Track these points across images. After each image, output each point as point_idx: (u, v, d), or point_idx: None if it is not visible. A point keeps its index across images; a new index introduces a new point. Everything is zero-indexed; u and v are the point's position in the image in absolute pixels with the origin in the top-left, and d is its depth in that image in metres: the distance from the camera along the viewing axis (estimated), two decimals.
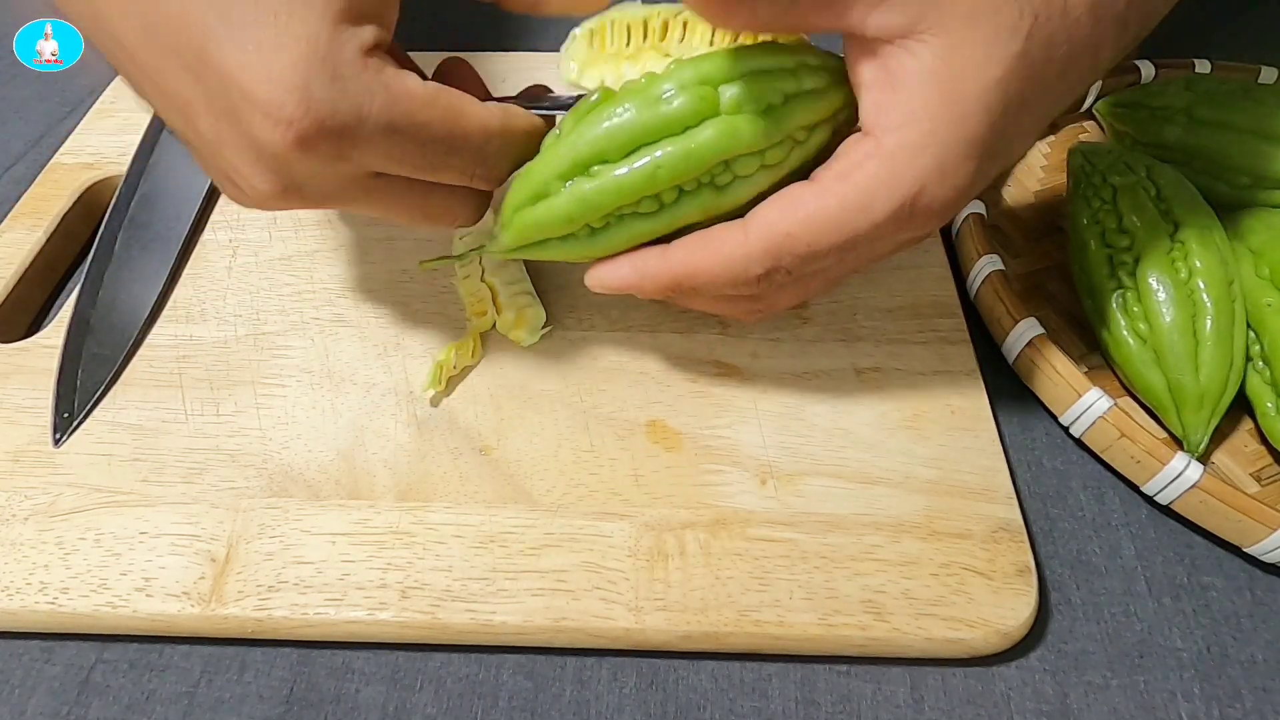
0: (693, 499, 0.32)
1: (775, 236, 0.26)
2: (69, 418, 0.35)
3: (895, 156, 0.24)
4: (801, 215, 0.25)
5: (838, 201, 0.25)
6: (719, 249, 0.27)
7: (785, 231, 0.25)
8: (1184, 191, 0.36)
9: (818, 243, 0.25)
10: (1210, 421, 0.33)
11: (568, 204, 0.28)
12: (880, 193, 0.24)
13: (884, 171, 0.24)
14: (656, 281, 0.28)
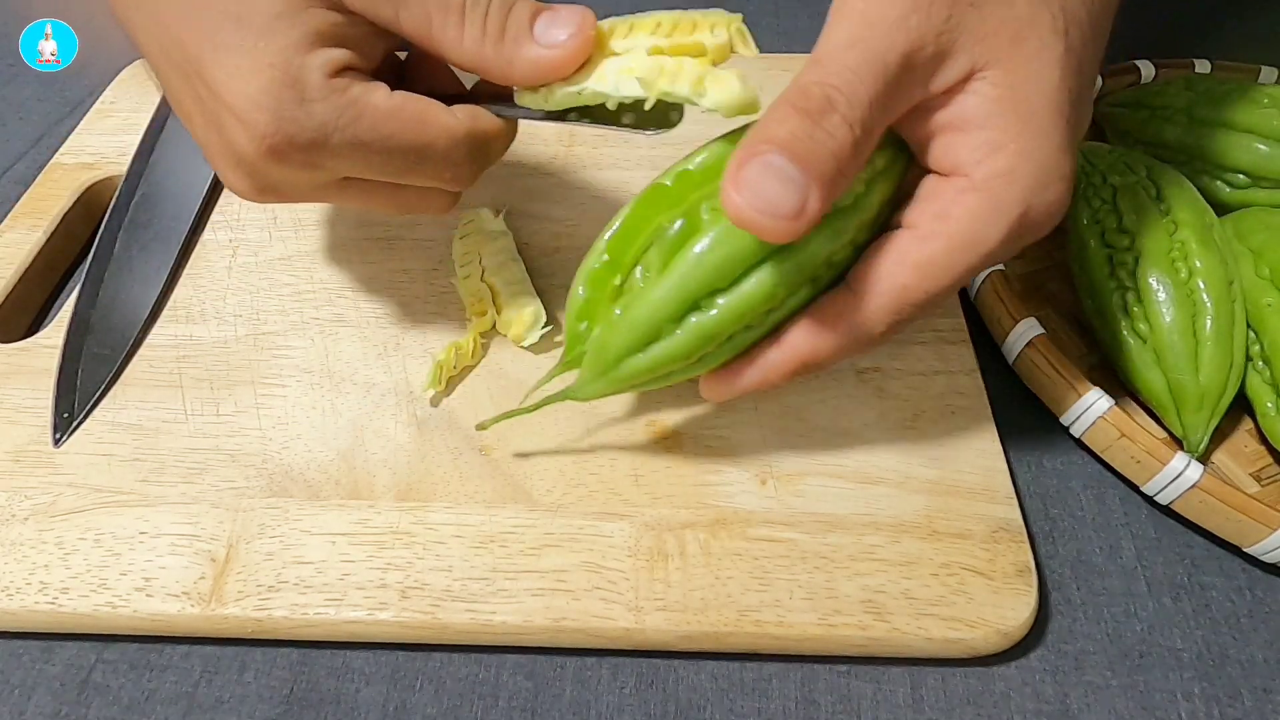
0: (693, 499, 0.32)
1: (893, 293, 0.26)
2: (69, 418, 0.35)
3: (991, 185, 0.24)
4: (911, 264, 0.25)
5: (944, 243, 0.25)
6: (837, 323, 0.26)
7: (901, 285, 0.25)
8: (1184, 191, 0.36)
9: (935, 287, 0.25)
10: (1210, 421, 0.33)
11: (687, 341, 0.27)
12: (987, 223, 0.25)
13: (985, 203, 0.24)
14: (782, 374, 0.27)
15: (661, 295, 0.27)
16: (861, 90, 0.23)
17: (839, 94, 0.23)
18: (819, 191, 0.23)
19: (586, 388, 0.30)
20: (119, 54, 0.53)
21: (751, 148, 0.23)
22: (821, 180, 0.23)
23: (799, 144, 0.23)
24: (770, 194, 0.23)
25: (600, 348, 0.29)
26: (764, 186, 0.23)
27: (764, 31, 0.56)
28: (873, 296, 0.26)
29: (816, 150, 0.23)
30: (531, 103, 0.30)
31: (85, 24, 0.54)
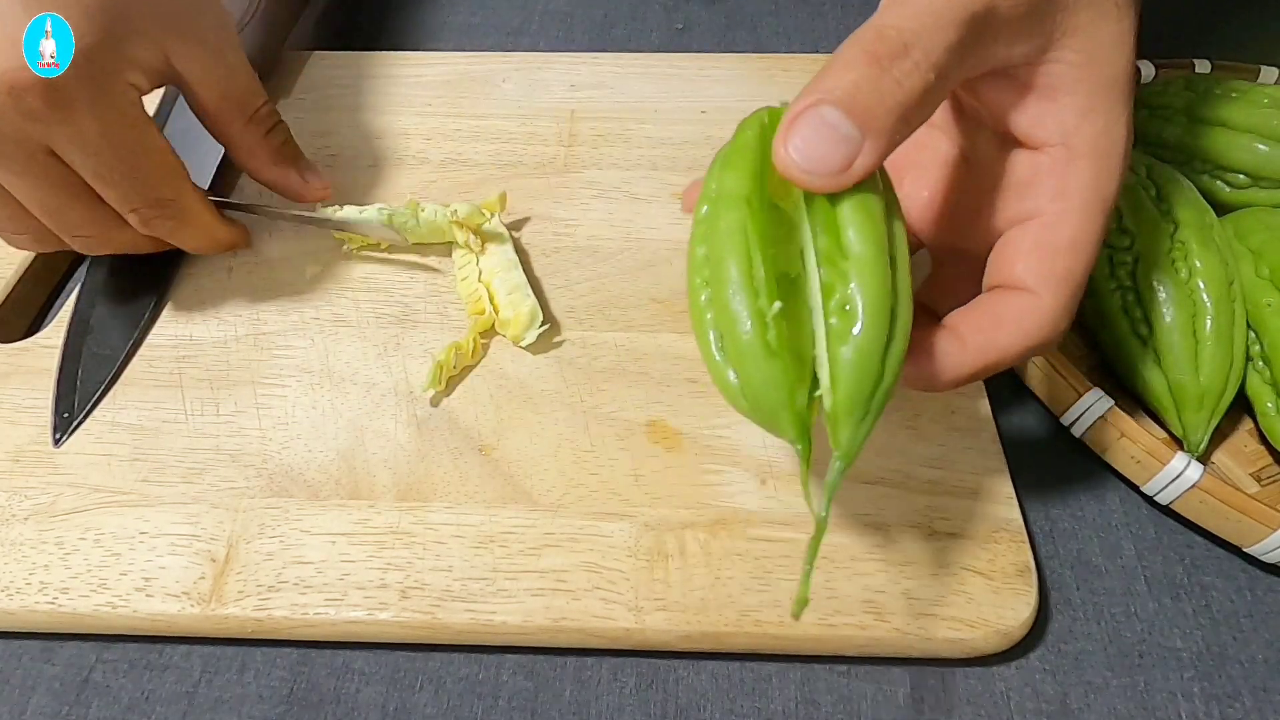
0: (693, 499, 0.32)
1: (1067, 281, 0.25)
2: (69, 418, 0.35)
3: (1096, 148, 0.25)
4: (1065, 251, 0.25)
5: (1079, 216, 0.25)
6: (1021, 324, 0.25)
7: (1066, 269, 0.25)
8: (1184, 191, 0.36)
9: (1091, 259, 0.26)
10: (1210, 421, 0.33)
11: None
12: (1104, 183, 0.25)
13: (1095, 166, 0.25)
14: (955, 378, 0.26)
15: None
16: (940, 36, 0.23)
17: (915, 37, 0.23)
18: (874, 146, 0.23)
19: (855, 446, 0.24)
20: None
21: (809, 98, 0.23)
22: (879, 134, 0.23)
23: (860, 95, 0.22)
24: (817, 150, 0.22)
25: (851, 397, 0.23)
26: (813, 140, 0.22)
27: (764, 31, 0.56)
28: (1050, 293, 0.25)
29: (882, 102, 0.23)
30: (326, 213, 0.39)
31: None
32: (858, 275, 0.23)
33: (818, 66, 0.24)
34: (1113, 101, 0.25)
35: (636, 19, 0.57)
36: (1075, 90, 0.25)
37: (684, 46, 0.55)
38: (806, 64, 0.49)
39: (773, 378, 0.23)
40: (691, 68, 0.49)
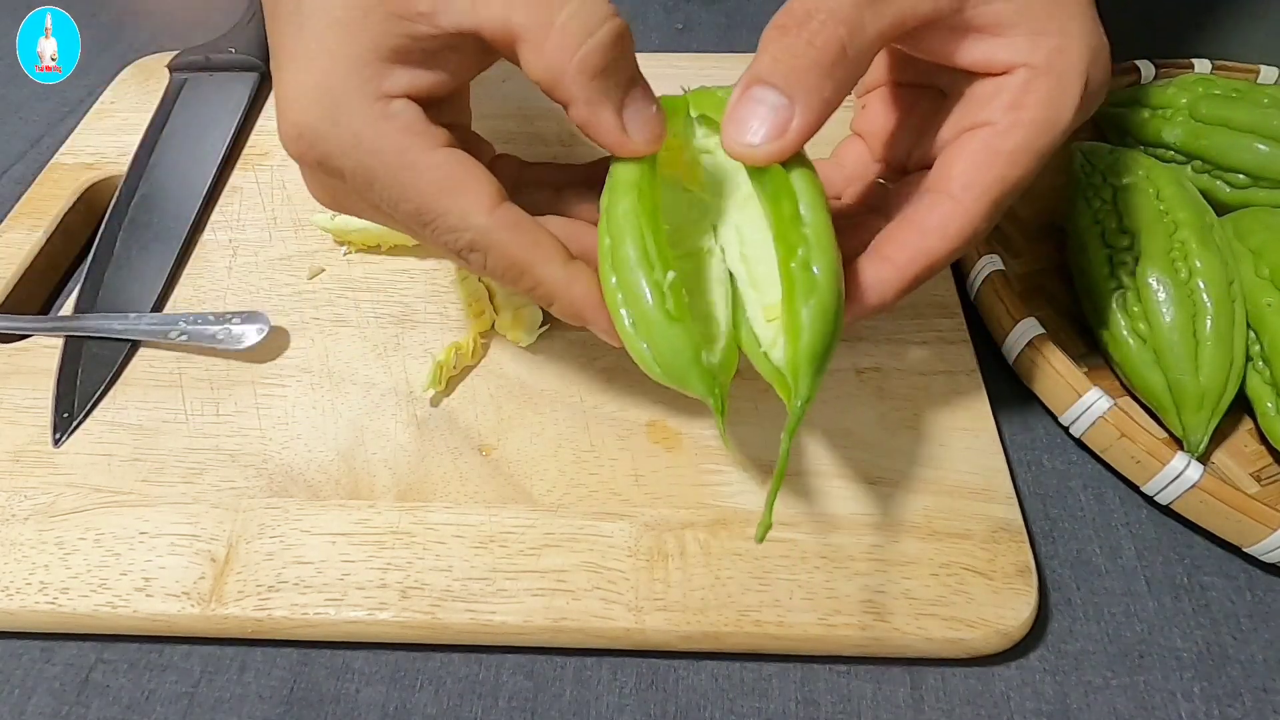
0: (693, 499, 0.32)
1: (991, 187, 0.26)
2: (69, 418, 0.35)
3: (1053, 66, 0.26)
4: (1006, 156, 0.26)
5: (1027, 130, 0.26)
6: (945, 229, 0.27)
7: (998, 177, 0.26)
8: (1184, 191, 0.36)
9: (1026, 172, 0.26)
10: (1210, 421, 0.33)
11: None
12: (1060, 99, 0.26)
13: (1053, 82, 0.26)
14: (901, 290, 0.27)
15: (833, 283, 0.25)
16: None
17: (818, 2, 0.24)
18: (804, 109, 0.24)
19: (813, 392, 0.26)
20: (119, 54, 0.53)
21: (740, 86, 0.25)
22: (807, 97, 0.24)
23: (778, 65, 0.24)
24: (753, 122, 0.25)
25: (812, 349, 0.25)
26: (747, 117, 0.25)
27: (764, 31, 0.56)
28: (973, 197, 0.26)
29: (798, 65, 0.24)
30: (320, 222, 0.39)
31: (87, 23, 0.55)
32: (816, 244, 0.25)
33: None
34: (1063, 20, 0.26)
35: (636, 19, 0.57)
36: (1021, 20, 0.26)
37: (684, 46, 0.55)
38: None
39: (677, 341, 0.25)
40: (691, 68, 0.49)
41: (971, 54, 0.27)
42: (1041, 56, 0.26)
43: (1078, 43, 0.26)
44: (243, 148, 0.46)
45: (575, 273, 0.27)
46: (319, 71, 0.25)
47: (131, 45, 0.55)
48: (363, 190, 0.26)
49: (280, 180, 0.44)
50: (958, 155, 0.27)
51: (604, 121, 0.26)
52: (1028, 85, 0.26)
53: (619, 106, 0.26)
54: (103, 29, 0.56)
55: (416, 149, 0.26)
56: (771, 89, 0.24)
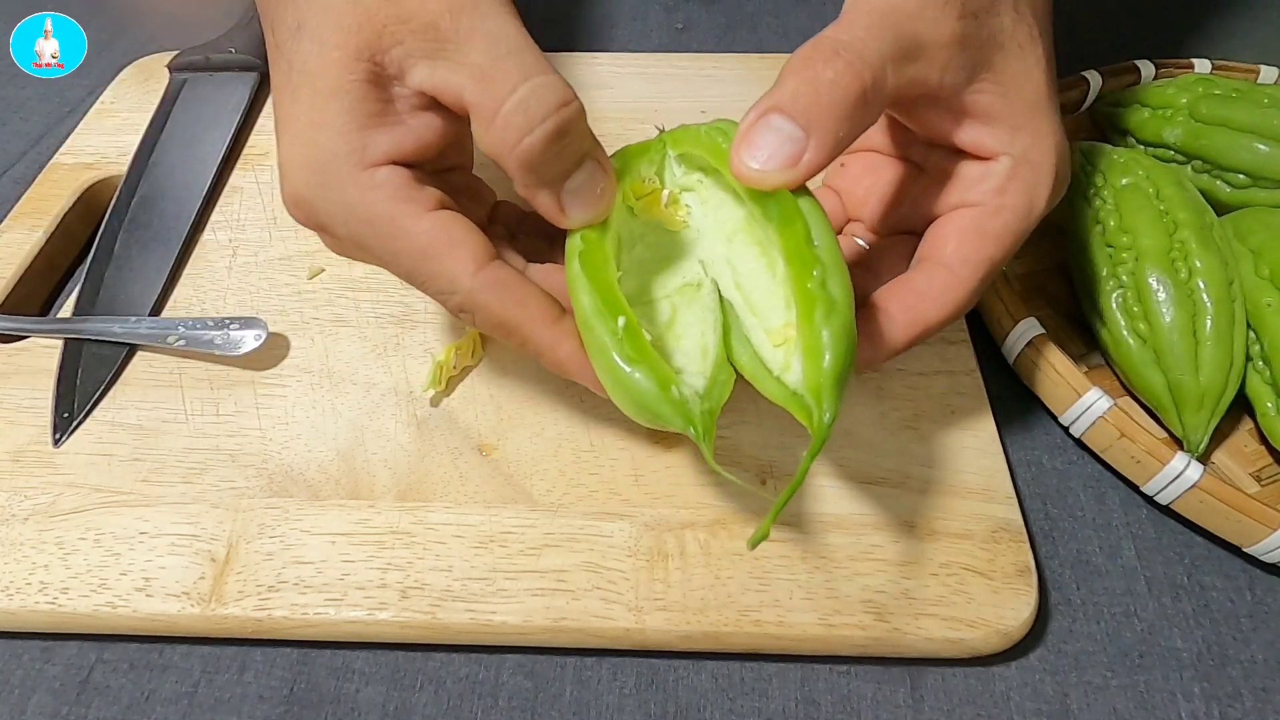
0: (693, 499, 0.32)
1: (983, 264, 0.29)
2: (69, 418, 0.35)
3: (1030, 157, 0.29)
4: (993, 237, 0.29)
5: (1013, 213, 0.29)
6: (940, 299, 0.29)
7: (988, 256, 0.29)
8: (1184, 191, 0.36)
9: (1009, 250, 0.29)
10: (1210, 421, 0.33)
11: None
12: (1038, 187, 0.29)
13: (1031, 172, 0.29)
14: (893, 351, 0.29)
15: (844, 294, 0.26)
16: (872, 44, 0.26)
17: (846, 44, 0.26)
18: (818, 143, 0.25)
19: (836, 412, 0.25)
20: (119, 54, 0.53)
21: (757, 110, 0.26)
22: (822, 131, 0.25)
23: (800, 98, 0.25)
24: (768, 148, 0.25)
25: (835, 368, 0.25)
26: (762, 143, 0.26)
27: (764, 30, 0.56)
28: (970, 270, 0.29)
29: (819, 101, 0.25)
30: None
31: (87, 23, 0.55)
32: (831, 265, 0.25)
33: None
34: (1037, 121, 0.29)
35: (636, 19, 0.57)
36: (1003, 115, 0.29)
37: (684, 46, 0.55)
38: None
39: (639, 382, 0.26)
40: (691, 68, 0.49)
41: (965, 135, 0.29)
42: (1019, 149, 0.29)
43: (1047, 140, 0.29)
44: (243, 148, 0.46)
45: (561, 333, 0.28)
46: (309, 144, 0.27)
47: (131, 45, 0.55)
48: (359, 252, 0.28)
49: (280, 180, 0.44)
50: (951, 231, 0.29)
51: (541, 203, 0.27)
52: (1011, 173, 0.29)
53: (557, 190, 0.27)
54: (103, 29, 0.56)
55: (404, 216, 0.27)
56: (789, 120, 0.25)
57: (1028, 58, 0.29)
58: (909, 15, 0.27)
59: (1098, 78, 0.44)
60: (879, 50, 0.26)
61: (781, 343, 0.27)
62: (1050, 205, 0.30)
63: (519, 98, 0.25)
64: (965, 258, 0.29)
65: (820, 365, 0.25)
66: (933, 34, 0.27)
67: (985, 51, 0.28)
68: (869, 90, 0.26)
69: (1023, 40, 0.29)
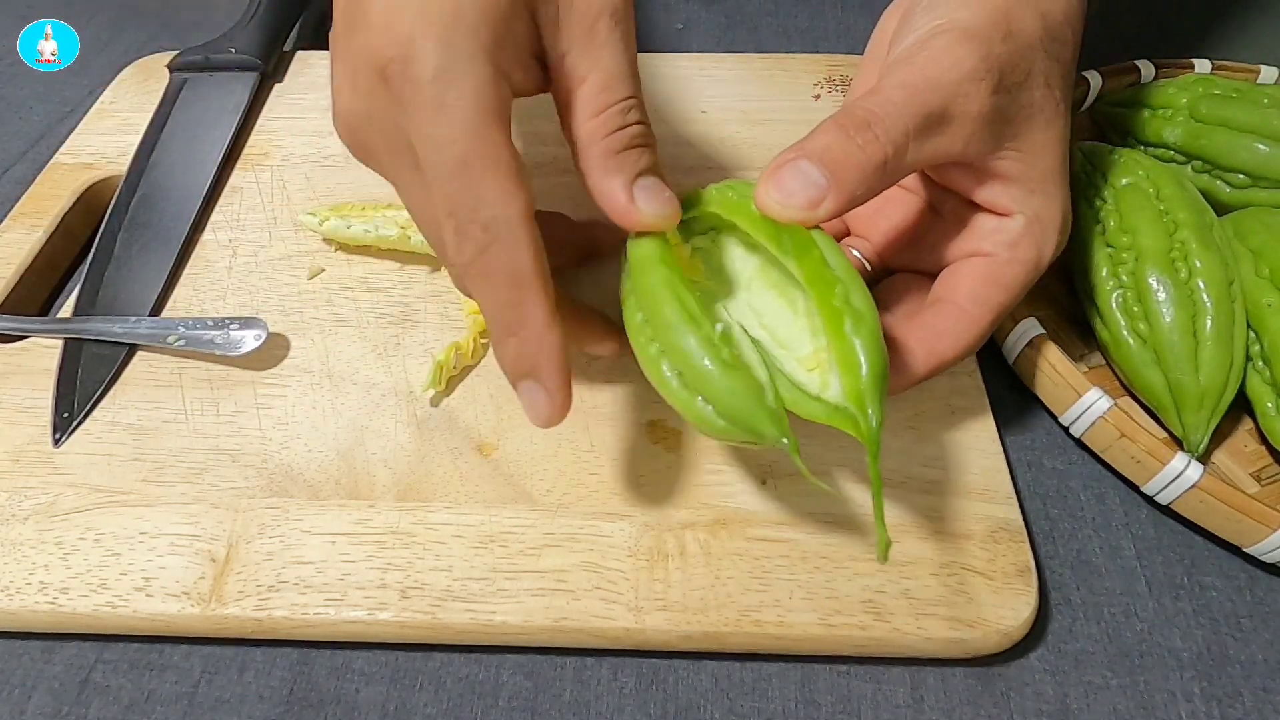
0: (693, 499, 0.32)
1: (994, 308, 0.31)
2: (69, 418, 0.35)
3: (1041, 217, 0.31)
4: (1005, 286, 0.31)
5: (1023, 266, 0.31)
6: (956, 336, 0.31)
7: (999, 302, 0.31)
8: (1184, 191, 0.36)
9: (1015, 300, 0.32)
10: (1210, 421, 0.33)
11: None
12: (1046, 244, 0.31)
13: (1041, 230, 0.31)
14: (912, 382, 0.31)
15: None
16: (900, 120, 0.28)
17: (878, 117, 0.28)
18: (836, 194, 0.28)
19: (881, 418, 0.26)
20: (119, 54, 0.53)
21: (790, 154, 0.28)
22: (842, 186, 0.28)
23: (830, 153, 0.28)
24: (794, 188, 0.28)
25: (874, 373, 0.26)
26: (789, 183, 0.28)
27: (764, 30, 0.56)
28: (983, 313, 0.31)
29: (845, 160, 0.28)
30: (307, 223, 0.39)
31: (86, 23, 0.55)
32: (850, 282, 0.27)
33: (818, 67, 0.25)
34: (1049, 187, 0.31)
35: (637, 19, 0.57)
36: (1022, 179, 0.31)
37: (684, 46, 0.55)
38: (806, 64, 0.49)
39: (740, 388, 0.25)
40: (691, 68, 0.49)
41: (984, 193, 0.31)
42: (1032, 209, 0.31)
43: (1056, 204, 0.31)
44: (243, 148, 0.46)
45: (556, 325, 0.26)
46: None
47: (131, 45, 0.55)
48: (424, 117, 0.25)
49: (280, 180, 0.44)
50: (966, 276, 0.32)
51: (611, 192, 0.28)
52: (1025, 230, 0.31)
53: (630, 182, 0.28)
54: (102, 29, 0.56)
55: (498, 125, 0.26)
56: (816, 168, 0.28)
57: (1051, 130, 0.31)
58: (943, 90, 0.28)
59: (1098, 78, 0.44)
60: (905, 127, 0.28)
61: (814, 367, 0.28)
62: (1053, 259, 0.32)
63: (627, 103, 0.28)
64: (979, 300, 0.31)
65: (858, 374, 0.25)
66: (963, 109, 0.29)
67: (1014, 125, 0.30)
68: (890, 161, 0.28)
69: (1050, 114, 0.31)
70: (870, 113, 0.28)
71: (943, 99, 0.28)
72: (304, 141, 0.46)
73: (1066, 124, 0.32)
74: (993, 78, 0.29)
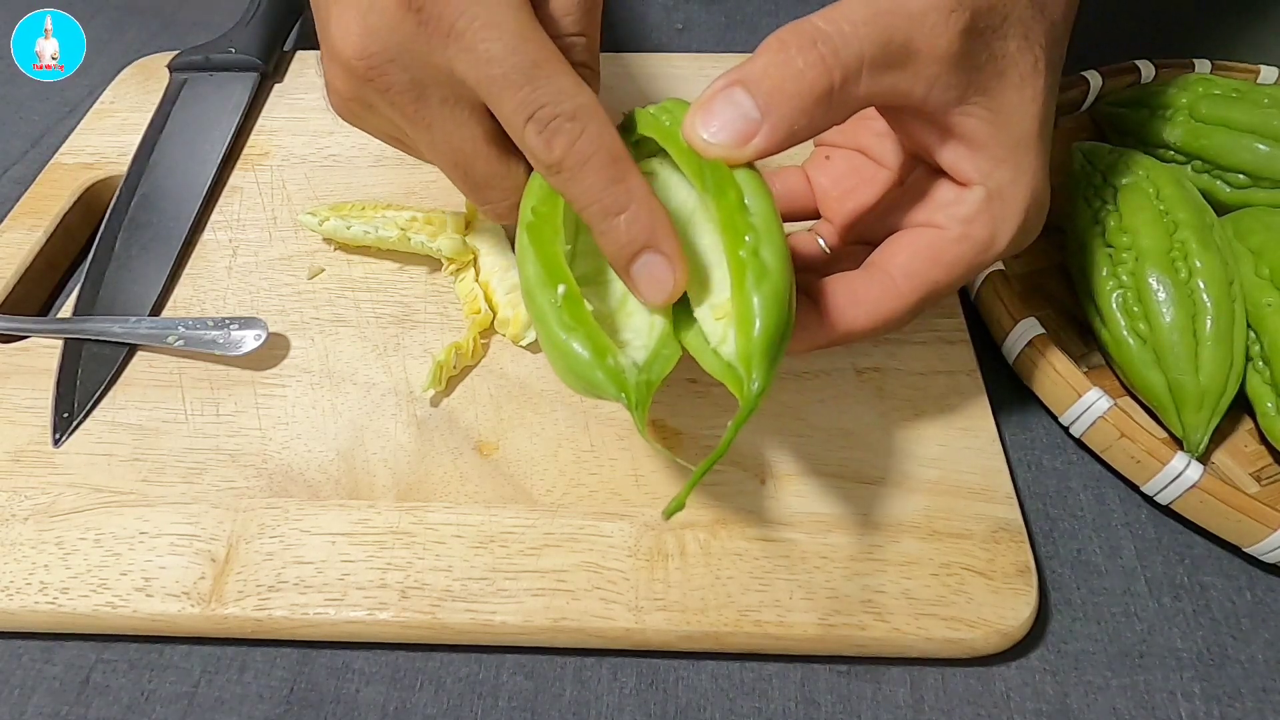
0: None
1: (927, 286, 0.28)
2: (69, 418, 0.35)
3: (1004, 193, 0.28)
4: (945, 264, 0.28)
5: (972, 245, 0.28)
6: (877, 307, 0.28)
7: (934, 280, 0.28)
8: (1184, 191, 0.36)
9: (957, 280, 0.29)
10: (1210, 421, 0.33)
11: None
12: (1004, 225, 0.28)
13: (1001, 208, 0.28)
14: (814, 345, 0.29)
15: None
16: (855, 42, 0.25)
17: (827, 36, 0.25)
18: (771, 129, 0.25)
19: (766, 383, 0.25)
20: (119, 54, 0.53)
21: (723, 79, 0.25)
22: (779, 120, 0.25)
23: (766, 80, 0.25)
24: (720, 121, 0.25)
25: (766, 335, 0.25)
26: (719, 118, 0.25)
27: (764, 30, 0.56)
28: (909, 287, 0.28)
29: (784, 89, 0.25)
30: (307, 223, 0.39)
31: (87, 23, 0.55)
32: (765, 232, 0.25)
33: None
34: (1020, 158, 0.27)
35: (636, 19, 0.57)
36: (988, 144, 0.27)
37: (684, 46, 0.55)
38: None
39: (575, 348, 0.25)
40: (691, 68, 0.49)
41: (946, 155, 0.28)
42: (995, 183, 0.28)
43: (1025, 181, 0.28)
44: (243, 148, 0.46)
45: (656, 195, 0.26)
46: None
47: (131, 45, 0.55)
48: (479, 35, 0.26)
49: (280, 180, 0.44)
50: (905, 246, 0.29)
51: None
52: (982, 205, 0.28)
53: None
54: (103, 29, 0.56)
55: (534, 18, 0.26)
56: (750, 98, 0.25)
57: (1026, 90, 0.27)
58: (907, 18, 0.25)
59: (1098, 78, 0.44)
60: (859, 51, 0.25)
61: (722, 316, 0.27)
62: (1012, 248, 0.29)
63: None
64: (911, 273, 0.28)
65: (750, 333, 0.24)
66: (928, 44, 0.25)
67: (983, 75, 0.27)
68: (836, 90, 0.25)
69: (1025, 71, 0.27)
70: (818, 30, 0.25)
71: (907, 28, 0.25)
72: (304, 141, 0.46)
73: (1048, 91, 0.28)
74: (964, 13, 0.25)
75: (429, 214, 0.39)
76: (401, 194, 0.43)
